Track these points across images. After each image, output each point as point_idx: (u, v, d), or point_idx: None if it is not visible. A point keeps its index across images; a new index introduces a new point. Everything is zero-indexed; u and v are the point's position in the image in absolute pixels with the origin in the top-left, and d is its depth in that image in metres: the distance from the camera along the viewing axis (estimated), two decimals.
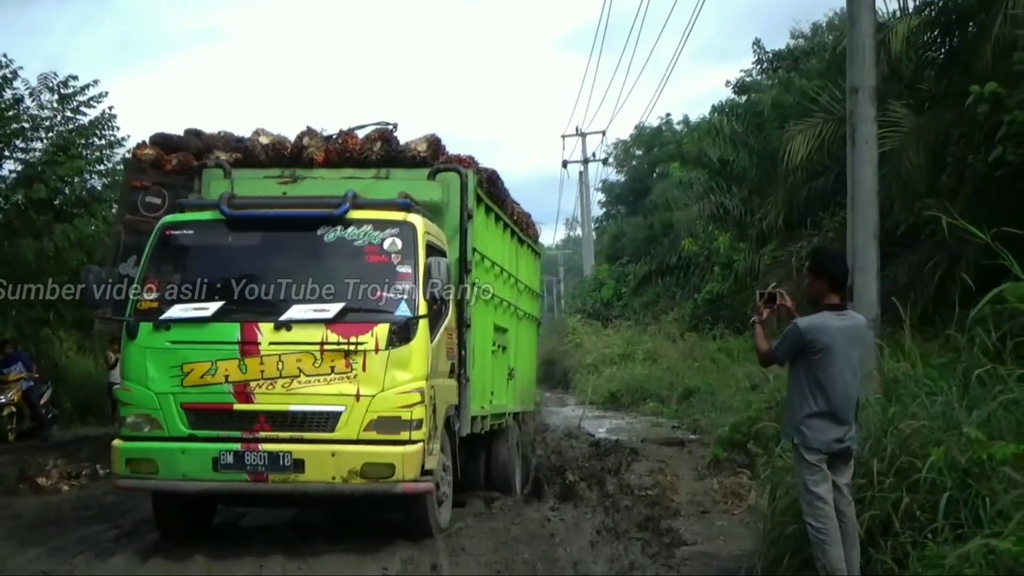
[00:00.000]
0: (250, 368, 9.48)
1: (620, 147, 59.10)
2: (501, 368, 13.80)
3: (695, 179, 32.38)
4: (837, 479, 7.44)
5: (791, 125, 20.00)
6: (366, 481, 9.33)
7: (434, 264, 9.59)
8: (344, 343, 9.45)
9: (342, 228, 9.97)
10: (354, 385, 9.41)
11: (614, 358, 28.63)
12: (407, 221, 10.03)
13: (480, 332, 12.10)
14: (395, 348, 9.47)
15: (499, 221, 13.50)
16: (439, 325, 10.20)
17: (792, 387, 7.59)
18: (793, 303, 7.93)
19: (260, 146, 11.76)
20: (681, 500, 12.28)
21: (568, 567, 9.12)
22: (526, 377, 16.14)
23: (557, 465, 14.73)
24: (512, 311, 14.59)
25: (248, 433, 9.46)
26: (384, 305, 9.71)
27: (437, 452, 10.08)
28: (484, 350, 12.46)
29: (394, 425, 9.38)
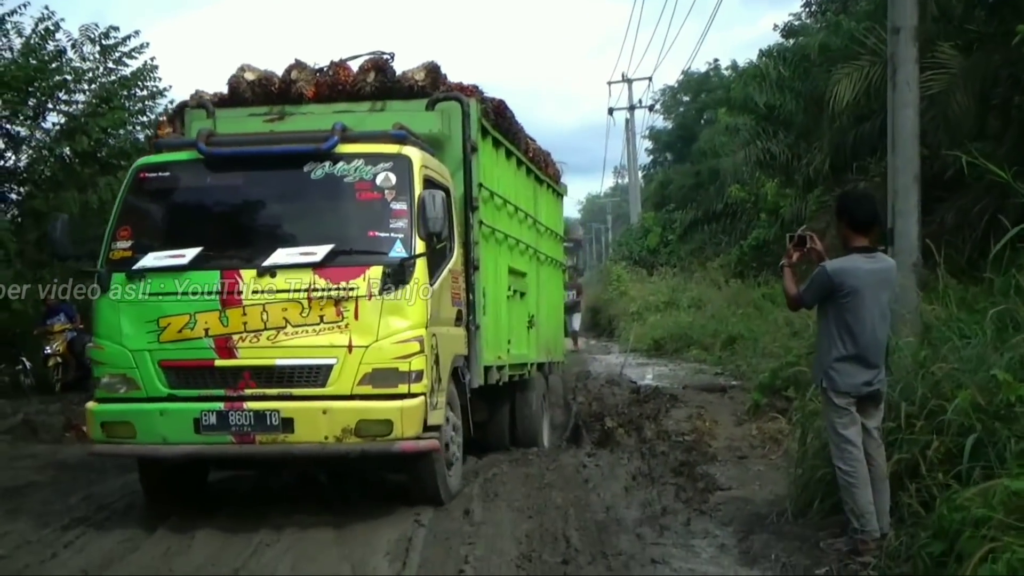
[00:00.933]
0: (232, 320, 8.77)
1: (667, 94, 58.64)
2: (519, 315, 13.04)
3: (742, 125, 32.16)
4: (867, 422, 7.42)
5: (838, 68, 19.77)
6: (362, 440, 8.58)
7: (428, 198, 8.71)
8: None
9: (330, 164, 9.14)
10: (346, 335, 8.65)
11: (659, 305, 28.53)
12: (402, 154, 9.21)
13: (492, 275, 11.46)
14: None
15: (511, 157, 12.68)
16: (441, 267, 9.51)
17: (821, 331, 7.56)
18: (824, 246, 7.87)
19: (245, 83, 10.83)
20: (719, 446, 12.27)
21: (600, 512, 9.13)
22: (551, 325, 15.41)
23: (597, 412, 14.71)
24: (531, 254, 13.82)
25: (232, 391, 8.75)
26: (377, 246, 8.92)
27: (443, 406, 9.36)
28: (498, 295, 11.75)
29: (391, 378, 8.64)
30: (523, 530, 8.51)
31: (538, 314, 14.03)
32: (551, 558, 7.70)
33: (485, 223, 11.00)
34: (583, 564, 7.54)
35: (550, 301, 15.38)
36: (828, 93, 19.96)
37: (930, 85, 15.61)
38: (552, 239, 15.68)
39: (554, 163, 15.68)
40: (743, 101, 30.87)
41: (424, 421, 8.79)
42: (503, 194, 12.02)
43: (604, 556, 7.72)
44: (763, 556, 7.55)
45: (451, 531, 8.55)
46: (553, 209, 15.93)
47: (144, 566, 7.94)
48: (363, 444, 8.60)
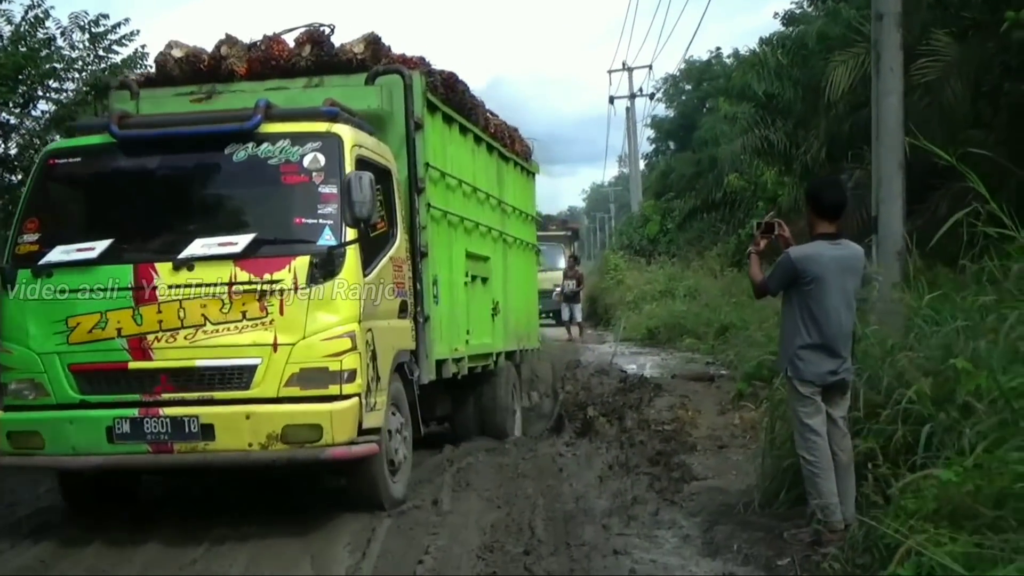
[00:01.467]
0: (146, 318, 8.07)
1: (669, 82, 58.39)
2: (481, 303, 12.41)
3: (741, 113, 32.03)
4: (832, 411, 7.33)
5: (834, 56, 19.70)
6: (289, 447, 7.90)
7: (354, 180, 8.04)
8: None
9: (254, 145, 8.42)
10: (270, 332, 7.97)
11: (655, 295, 28.44)
12: (331, 132, 8.49)
13: (445, 262, 10.80)
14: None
15: (466, 133, 11.93)
16: (380, 255, 8.84)
17: (785, 318, 7.48)
18: (792, 233, 7.77)
19: (172, 60, 10.07)
20: (700, 435, 12.18)
21: (570, 502, 9.06)
22: (521, 311, 14.68)
23: (581, 401, 14.61)
24: (495, 237, 13.13)
25: (147, 396, 8.07)
26: (304, 234, 8.25)
27: (383, 407, 8.69)
28: (452, 282, 11.09)
29: (320, 378, 7.98)
30: (489, 520, 8.45)
31: (505, 300, 13.42)
32: (513, 548, 7.64)
33: (434, 206, 10.37)
34: (544, 554, 7.46)
35: (521, 286, 14.72)
36: (824, 81, 19.89)
37: (925, 73, 15.51)
38: (522, 220, 15.00)
39: (522, 139, 14.95)
40: (741, 89, 30.78)
41: (359, 424, 8.18)
42: (457, 174, 11.37)
43: (567, 546, 7.66)
44: (726, 547, 7.47)
45: (417, 521, 8.49)
46: (522, 188, 15.17)
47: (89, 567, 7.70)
48: (290, 451, 7.94)
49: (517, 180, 14.75)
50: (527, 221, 15.49)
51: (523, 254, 15.08)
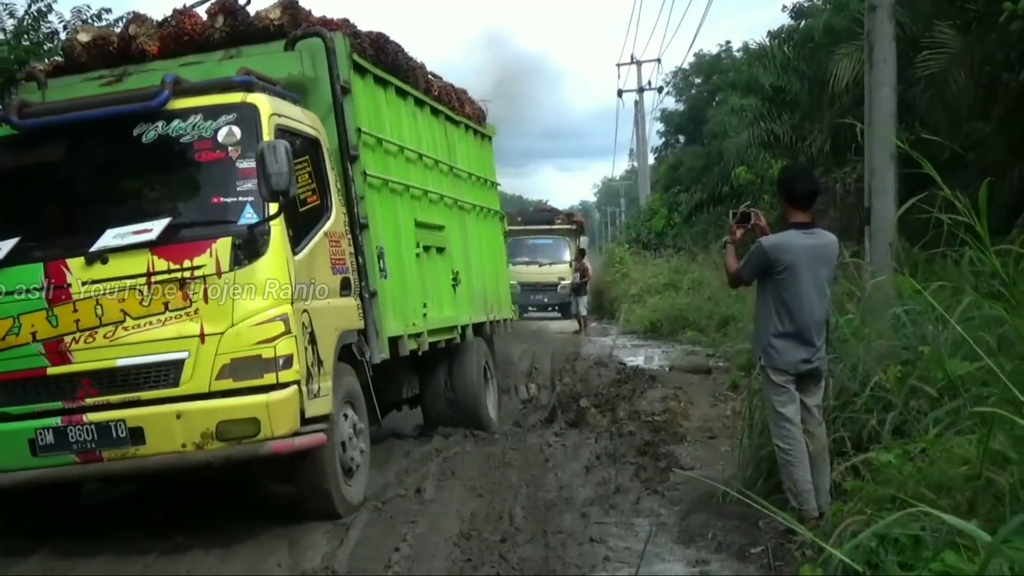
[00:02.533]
0: (62, 319, 7.58)
1: (679, 76, 58.36)
2: (438, 274, 11.71)
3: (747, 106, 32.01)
4: (807, 400, 7.34)
5: (839, 49, 19.70)
6: (226, 444, 7.40)
7: (267, 150, 7.34)
8: (176, 270, 7.49)
9: (164, 123, 7.85)
10: (196, 323, 7.46)
11: (659, 288, 28.43)
12: (246, 103, 7.91)
13: (391, 232, 10.21)
14: (243, 267, 7.49)
15: (405, 97, 11.29)
16: (313, 231, 8.36)
17: (759, 307, 7.49)
18: (768, 223, 7.78)
19: (80, 45, 9.40)
20: (691, 426, 12.18)
21: (553, 491, 9.10)
22: (489, 280, 14.02)
23: (576, 393, 14.62)
24: (448, 204, 12.47)
25: (70, 402, 7.56)
26: (223, 214, 7.73)
27: (328, 394, 8.12)
28: (401, 254, 10.42)
29: (253, 367, 7.43)
30: (470, 508, 8.50)
31: (468, 269, 12.79)
32: (491, 536, 7.69)
33: (371, 174, 9.76)
34: (520, 542, 7.52)
35: (486, 253, 14.08)
36: (828, 73, 19.91)
37: (928, 65, 15.50)
38: (479, 186, 14.27)
39: (473, 102, 14.28)
40: (748, 82, 30.76)
41: (301, 413, 7.64)
42: (397, 139, 10.75)
43: (544, 534, 7.70)
44: (700, 534, 7.50)
45: (398, 509, 8.55)
46: (477, 153, 14.40)
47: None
48: (227, 449, 7.43)
49: (470, 144, 14.04)
50: (486, 186, 14.75)
51: (485, 221, 14.40)
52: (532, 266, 34.30)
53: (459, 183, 13.12)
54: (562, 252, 33.07)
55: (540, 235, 35.65)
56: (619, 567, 7.02)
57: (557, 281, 32.15)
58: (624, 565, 7.06)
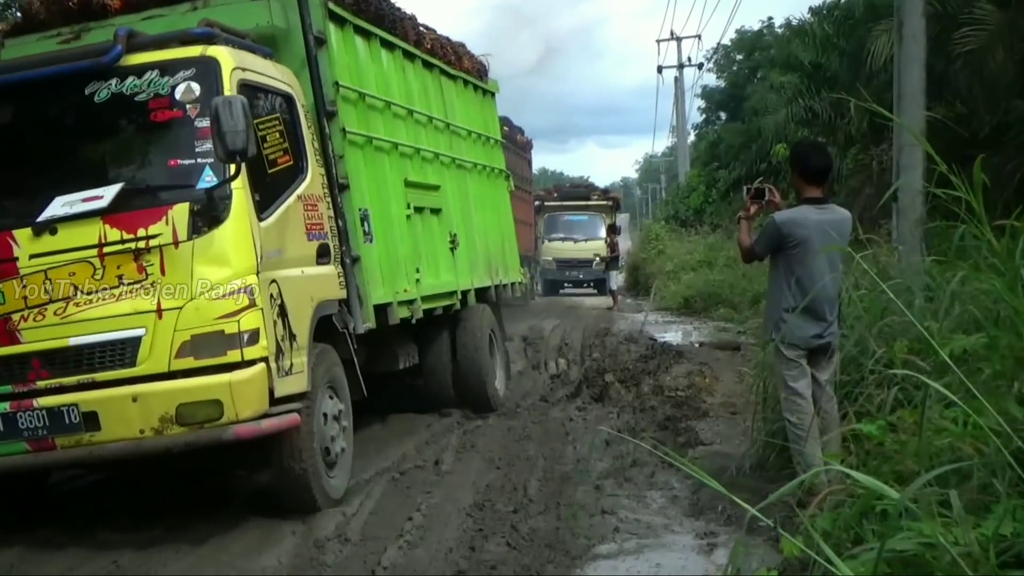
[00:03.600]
0: (8, 296, 7.04)
1: (720, 52, 58.01)
2: (433, 236, 11.13)
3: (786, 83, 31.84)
4: (819, 375, 7.37)
5: (878, 26, 19.62)
6: (187, 429, 6.83)
7: (223, 106, 6.74)
8: (131, 240, 6.93)
9: (117, 81, 7.25)
10: (153, 297, 6.91)
11: (694, 265, 28.38)
12: (206, 57, 7.31)
13: (375, 193, 9.66)
14: (202, 235, 6.95)
15: (392, 49, 10.74)
16: (285, 194, 7.85)
17: (771, 282, 7.53)
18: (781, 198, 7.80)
19: (38, 2, 8.89)
20: (714, 402, 12.19)
21: (570, 464, 9.18)
22: (494, 242, 13.46)
23: (602, 367, 14.66)
24: (445, 163, 11.88)
25: (20, 386, 7.03)
26: (181, 177, 7.17)
27: (303, 370, 7.58)
28: (389, 216, 9.90)
29: (215, 344, 6.88)
30: (486, 480, 8.61)
31: (468, 231, 12.23)
32: (504, 507, 7.78)
33: (352, 131, 9.23)
34: (533, 513, 7.61)
35: (490, 214, 13.54)
36: (866, 50, 19.84)
37: (967, 42, 15.40)
38: (481, 144, 13.63)
39: (472, 56, 13.54)
40: (787, 59, 30.60)
41: (270, 393, 7.10)
42: (383, 94, 10.26)
43: (556, 506, 7.79)
44: (710, 507, 7.56)
45: (415, 480, 8.67)
46: (478, 109, 13.71)
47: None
48: (188, 434, 6.86)
49: (470, 100, 13.36)
50: (489, 144, 14.08)
51: (489, 180, 13.76)
52: (568, 242, 34.38)
53: (457, 141, 12.49)
54: (598, 228, 33.08)
55: (576, 211, 35.68)
56: (628, 538, 7.10)
57: (593, 257, 32.21)
58: (633, 536, 7.15)
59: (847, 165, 25.02)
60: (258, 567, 6.73)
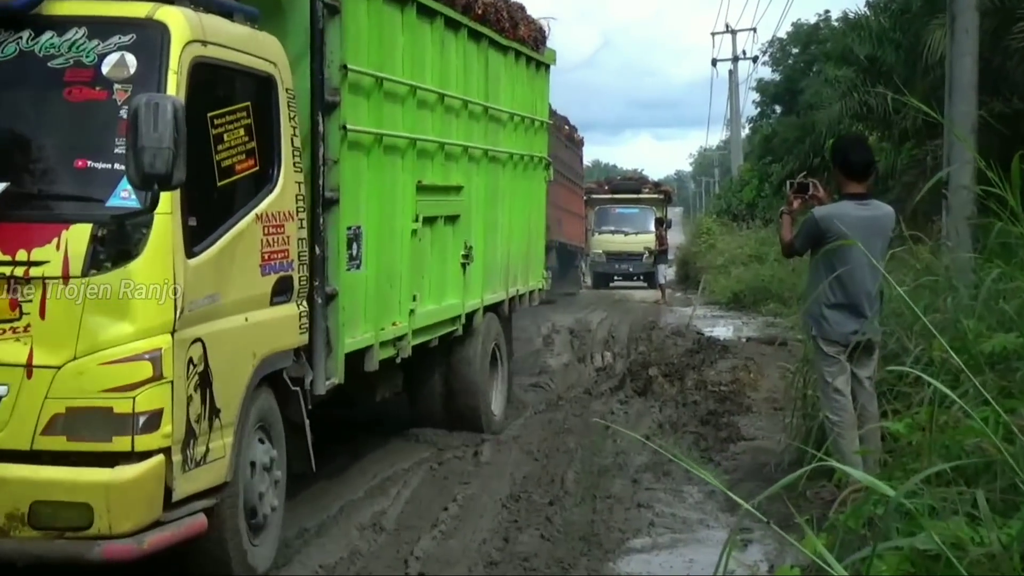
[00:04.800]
0: None
1: (775, 45, 57.59)
2: (442, 253, 9.20)
3: (842, 77, 31.60)
4: (858, 372, 7.32)
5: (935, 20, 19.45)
6: (41, 535, 5.04)
7: (144, 111, 4.88)
8: (6, 262, 5.11)
9: (30, 35, 5.35)
10: (24, 346, 5.10)
11: (744, 259, 28.21)
12: (153, 20, 5.40)
13: (373, 207, 7.76)
14: (103, 272, 5.14)
15: (434, 18, 8.86)
16: (239, 213, 5.91)
17: (811, 278, 7.50)
18: (827, 194, 7.74)
19: None
20: (758, 397, 12.14)
21: (609, 458, 9.17)
22: (518, 244, 11.42)
23: (647, 361, 14.62)
24: (475, 157, 9.99)
25: None
26: (87, 185, 5.33)
27: (227, 453, 5.65)
28: (393, 232, 8.15)
29: (98, 424, 5.07)
30: (523, 471, 8.63)
31: (491, 238, 10.34)
32: (540, 499, 7.81)
33: (356, 128, 7.39)
34: (568, 505, 7.63)
35: (518, 213, 11.44)
36: (922, 44, 19.70)
37: None
38: (524, 129, 11.58)
39: (531, 21, 11.43)
40: (842, 52, 30.36)
41: (166, 494, 5.24)
42: (408, 77, 8.35)
43: (593, 498, 7.81)
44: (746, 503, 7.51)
45: (453, 470, 8.71)
46: (526, 87, 11.59)
47: None
48: (40, 543, 5.05)
49: (519, 76, 11.25)
50: (533, 128, 11.90)
51: (526, 173, 11.68)
52: (618, 235, 34.28)
53: (495, 128, 10.52)
54: (648, 222, 32.97)
55: (627, 204, 35.59)
56: (662, 532, 7.10)
57: (643, 251, 32.11)
58: (668, 531, 7.16)
59: (901, 160, 24.84)
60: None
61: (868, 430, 7.25)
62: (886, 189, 24.82)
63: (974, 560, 3.55)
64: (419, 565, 6.40)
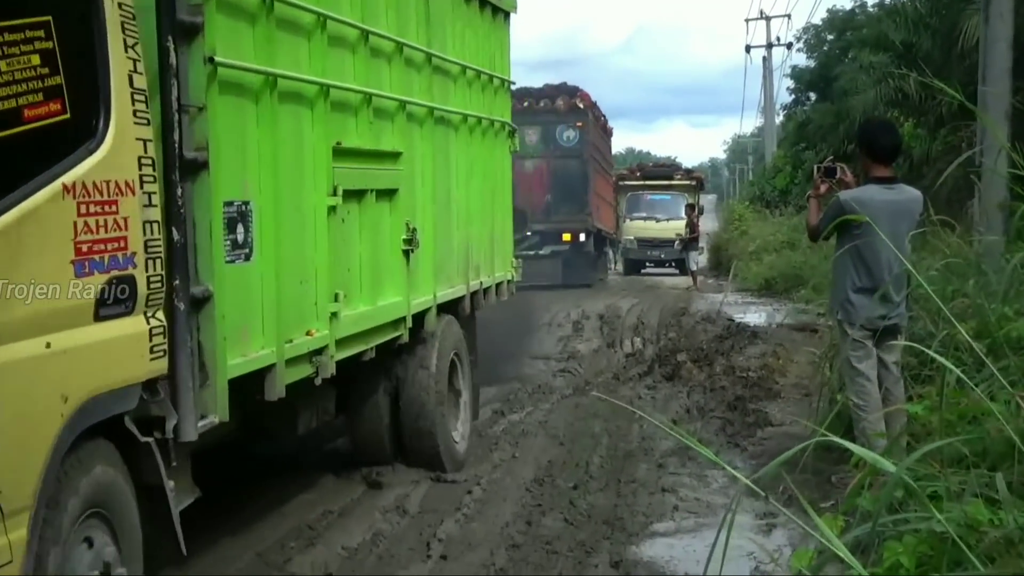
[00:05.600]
0: None
1: (810, 32, 57.20)
2: (376, 235, 7.19)
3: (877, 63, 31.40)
4: (885, 356, 7.26)
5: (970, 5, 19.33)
6: None
7: None
8: None
9: None
10: None
11: (776, 245, 28.05)
12: None
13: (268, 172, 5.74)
14: None
15: None
16: (38, 180, 4.04)
17: (837, 262, 7.44)
18: (854, 177, 7.69)
19: None
20: (786, 383, 12.08)
21: (635, 442, 9.16)
22: (479, 227, 9.36)
23: (676, 347, 14.59)
24: (419, 117, 7.96)
25: None
26: None
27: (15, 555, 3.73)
28: (301, 208, 6.14)
29: None
30: (549, 456, 8.63)
31: (442, 218, 8.36)
32: (564, 483, 7.81)
33: (229, 63, 5.37)
34: (592, 490, 7.63)
35: (479, 188, 9.41)
36: (957, 30, 19.58)
37: None
38: (482, 87, 9.57)
39: None
40: (877, 38, 30.18)
41: None
42: (314, 3, 6.31)
43: (617, 483, 7.80)
44: (771, 488, 7.45)
45: (478, 456, 8.68)
46: (483, 35, 9.67)
47: None
48: None
49: (472, 22, 9.37)
50: (492, 87, 9.91)
51: (485, 141, 9.64)
52: (649, 222, 34.21)
53: (443, 83, 8.57)
54: (680, 208, 32.85)
55: (658, 191, 35.51)
56: (686, 516, 7.09)
57: (674, 237, 32.01)
58: (692, 515, 7.14)
59: (937, 147, 24.68)
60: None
61: (893, 413, 7.21)
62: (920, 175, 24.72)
63: (992, 542, 3.52)
64: (441, 547, 6.42)
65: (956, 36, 19.66)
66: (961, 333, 6.43)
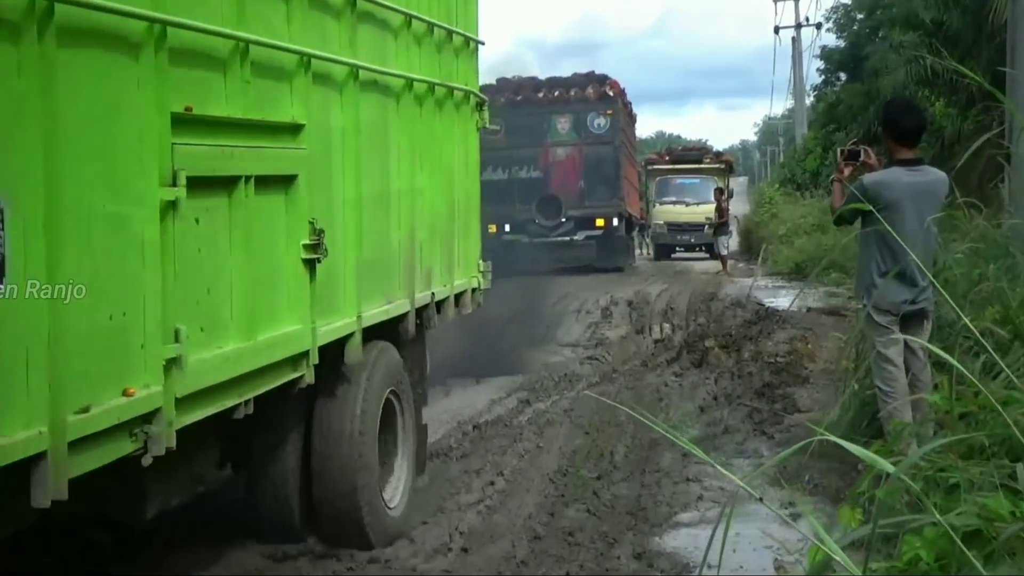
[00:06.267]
0: None
1: (840, 11, 56.73)
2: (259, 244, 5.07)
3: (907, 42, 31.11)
4: (911, 341, 7.16)
5: None
6: None
7: None
8: None
9: None
10: None
11: (807, 228, 27.84)
12: None
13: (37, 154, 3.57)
14: None
15: None
16: None
17: (862, 246, 7.34)
18: (878, 160, 7.58)
19: None
20: (815, 368, 11.98)
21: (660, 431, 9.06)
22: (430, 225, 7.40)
23: (704, 333, 14.49)
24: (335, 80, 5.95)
25: None
26: None
27: None
28: (116, 210, 4.02)
29: None
30: (573, 446, 8.57)
31: (380, 213, 6.57)
32: (588, 473, 7.75)
33: None
34: (616, 480, 7.58)
35: (432, 176, 7.48)
36: (987, 7, 19.37)
37: None
38: (435, 47, 7.56)
39: None
40: (906, 16, 29.90)
41: None
42: None
43: (641, 472, 7.74)
44: (797, 476, 7.41)
45: (502, 446, 8.63)
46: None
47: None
48: None
49: None
50: (451, 48, 7.95)
51: (443, 114, 7.76)
52: (679, 206, 34.10)
53: (377, 35, 6.60)
54: (710, 192, 32.68)
55: (687, 175, 35.35)
56: (710, 506, 7.02)
57: (704, 221, 31.88)
58: (716, 505, 7.06)
59: (967, 126, 24.46)
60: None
61: (918, 400, 7.11)
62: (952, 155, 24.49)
63: (1012, 535, 3.44)
64: (463, 540, 6.37)
65: (986, 14, 19.36)
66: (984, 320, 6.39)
